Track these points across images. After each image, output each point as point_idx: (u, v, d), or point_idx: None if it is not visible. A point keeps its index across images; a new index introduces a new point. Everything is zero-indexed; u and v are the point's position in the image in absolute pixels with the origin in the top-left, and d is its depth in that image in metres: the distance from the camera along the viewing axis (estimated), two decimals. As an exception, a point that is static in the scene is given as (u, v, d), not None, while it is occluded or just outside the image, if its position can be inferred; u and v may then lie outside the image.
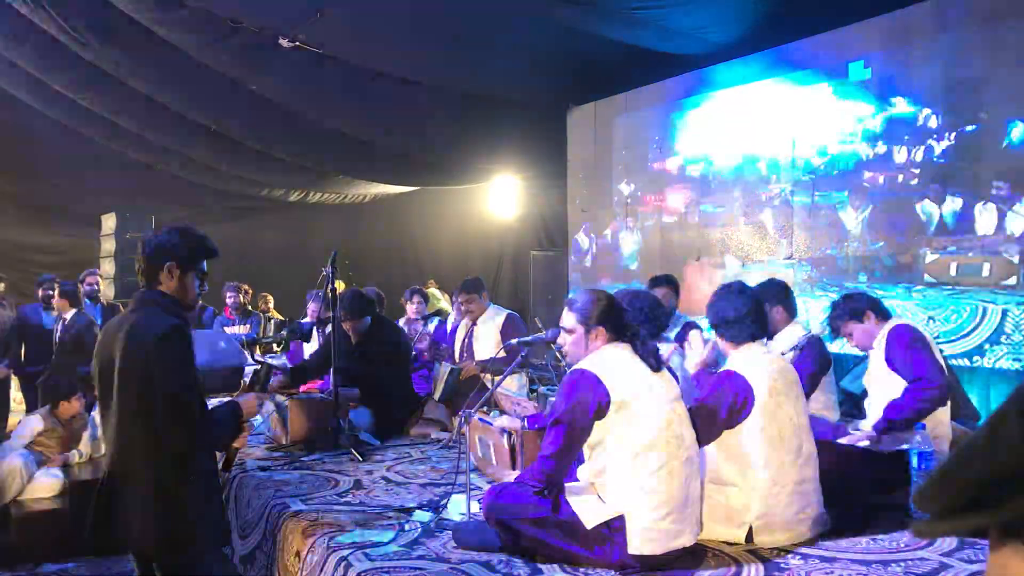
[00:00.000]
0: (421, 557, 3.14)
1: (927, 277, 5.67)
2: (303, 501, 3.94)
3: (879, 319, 4.29)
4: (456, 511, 3.63)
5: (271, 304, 10.56)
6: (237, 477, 4.46)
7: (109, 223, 10.36)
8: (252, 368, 5.65)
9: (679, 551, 3.02)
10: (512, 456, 4.16)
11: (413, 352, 6.58)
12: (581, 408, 2.99)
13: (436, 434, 5.41)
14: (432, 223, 13.68)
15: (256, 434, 5.43)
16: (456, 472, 3.72)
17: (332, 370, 5.11)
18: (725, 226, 7.37)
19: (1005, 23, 5.28)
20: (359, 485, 4.25)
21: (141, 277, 2.96)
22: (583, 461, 3.11)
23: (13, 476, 5.95)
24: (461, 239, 12.94)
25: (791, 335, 4.61)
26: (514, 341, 4.21)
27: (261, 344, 7.07)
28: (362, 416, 5.38)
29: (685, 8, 6.35)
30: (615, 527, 2.96)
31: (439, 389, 5.55)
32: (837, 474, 3.58)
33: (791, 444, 3.29)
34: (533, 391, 5.60)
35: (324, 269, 5.11)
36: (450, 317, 7.64)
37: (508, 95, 8.64)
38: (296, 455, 4.88)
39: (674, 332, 5.12)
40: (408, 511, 3.73)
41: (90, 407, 6.31)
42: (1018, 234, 5.20)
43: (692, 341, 4.02)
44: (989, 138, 5.35)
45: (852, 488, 3.74)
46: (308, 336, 6.26)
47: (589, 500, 3.02)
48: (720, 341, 3.53)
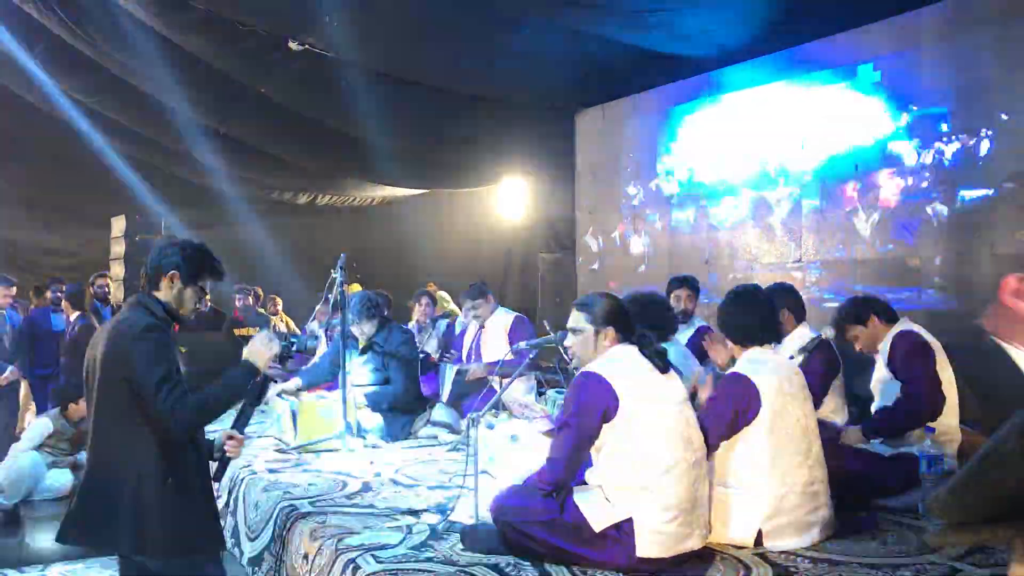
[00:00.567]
0: (429, 560, 3.14)
1: (937, 280, 5.65)
2: (311, 503, 3.94)
3: (884, 322, 4.27)
4: (464, 514, 3.62)
5: (280, 306, 10.59)
6: (245, 479, 4.47)
7: (119, 225, 10.41)
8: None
9: (687, 554, 3.01)
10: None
11: (421, 355, 6.58)
12: (590, 411, 2.99)
13: (444, 436, 5.41)
14: (440, 225, 13.68)
15: (265, 436, 5.44)
16: (464, 475, 3.72)
17: (341, 373, 5.12)
18: (734, 229, 7.35)
19: (1017, 24, 5.25)
20: (367, 487, 4.25)
21: (143, 279, 3.00)
22: (591, 464, 3.11)
23: (23, 477, 5.99)
24: (469, 241, 12.92)
25: (799, 338, 4.59)
26: (522, 344, 4.20)
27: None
28: (371, 418, 5.38)
29: (694, 11, 6.34)
30: (623, 529, 2.96)
31: (446, 391, 5.55)
32: (846, 477, 3.57)
33: (799, 446, 3.28)
34: (541, 394, 5.59)
35: (333, 272, 5.13)
36: (458, 319, 7.65)
37: (517, 98, 8.64)
38: (304, 457, 4.89)
39: (687, 335, 5.12)
40: (416, 513, 3.73)
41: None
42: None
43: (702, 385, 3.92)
44: (1001, 141, 5.32)
45: (861, 491, 3.73)
46: (313, 351, 6.29)
47: (597, 502, 3.01)
48: (729, 343, 3.53)
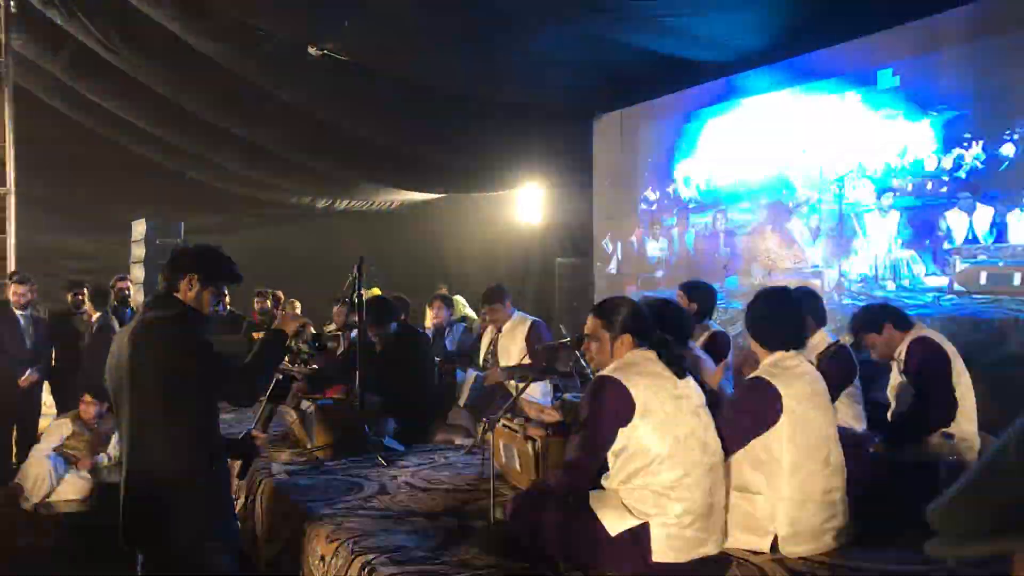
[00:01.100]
0: (445, 563, 3.14)
1: (957, 286, 5.61)
2: (328, 506, 3.95)
3: (899, 329, 4.25)
4: (480, 517, 3.62)
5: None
6: (262, 482, 4.49)
7: (139, 229, 10.46)
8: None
9: (704, 559, 3.00)
10: (536, 464, 4.15)
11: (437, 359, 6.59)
12: (606, 415, 2.99)
13: (460, 440, 5.42)
14: (458, 230, 13.71)
15: (281, 438, 5.46)
16: (480, 478, 3.72)
17: (358, 376, 5.14)
18: (751, 234, 7.32)
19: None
20: (383, 490, 4.26)
21: (163, 280, 3.04)
22: (607, 468, 3.10)
23: (42, 479, 6.04)
24: (487, 246, 12.94)
25: (819, 343, 4.57)
26: (539, 347, 4.20)
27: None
28: (386, 422, 5.40)
29: (712, 16, 6.33)
30: (639, 535, 2.95)
31: (464, 395, 5.56)
32: (865, 485, 3.54)
33: (819, 453, 3.26)
34: (558, 398, 5.58)
35: (351, 275, 5.15)
36: (475, 323, 7.66)
37: (535, 103, 8.65)
38: (320, 460, 4.91)
39: (701, 339, 5.09)
40: (433, 517, 3.74)
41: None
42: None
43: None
44: (1021, 146, 5.28)
45: (880, 499, 3.70)
46: (334, 352, 6.30)
47: (613, 507, 3.01)
48: (753, 344, 3.49)
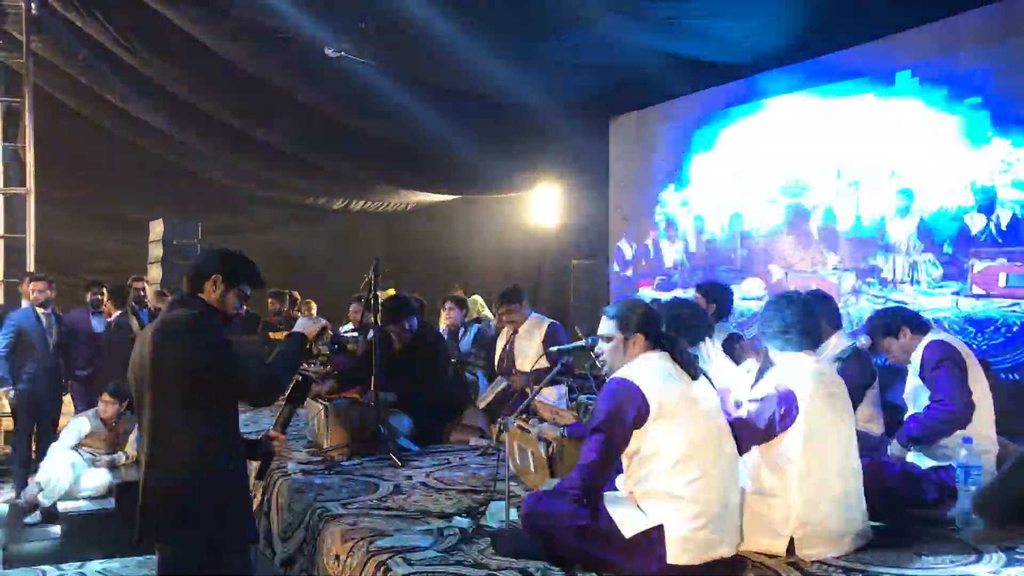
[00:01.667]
0: (460, 563, 3.15)
1: (975, 288, 5.57)
2: (343, 505, 3.97)
3: (915, 333, 4.22)
4: (495, 518, 3.63)
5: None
6: (278, 481, 4.51)
7: (157, 229, 10.54)
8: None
9: (718, 561, 2.99)
10: (551, 465, 4.16)
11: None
12: (620, 417, 2.98)
13: (475, 441, 5.42)
14: (474, 231, 13.73)
15: (298, 438, 5.49)
16: (495, 479, 3.73)
17: (373, 376, 5.15)
18: (768, 236, 7.30)
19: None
20: (398, 490, 4.27)
21: (187, 281, 3.07)
22: (622, 470, 3.10)
23: (61, 476, 6.10)
24: (502, 247, 12.96)
25: (835, 347, 4.55)
26: (554, 349, 4.20)
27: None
28: (401, 422, 5.41)
29: (731, 18, 6.32)
30: (654, 536, 2.94)
31: (487, 399, 5.55)
32: (881, 488, 3.52)
33: (835, 455, 3.25)
34: (573, 400, 5.58)
35: (367, 276, 5.16)
36: (491, 324, 7.65)
37: (551, 104, 8.66)
38: (336, 460, 4.92)
39: (719, 340, 5.07)
40: (447, 517, 3.75)
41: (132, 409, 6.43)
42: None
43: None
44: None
45: (897, 502, 3.68)
46: (352, 352, 6.32)
47: (628, 509, 3.00)
48: (768, 348, 3.49)
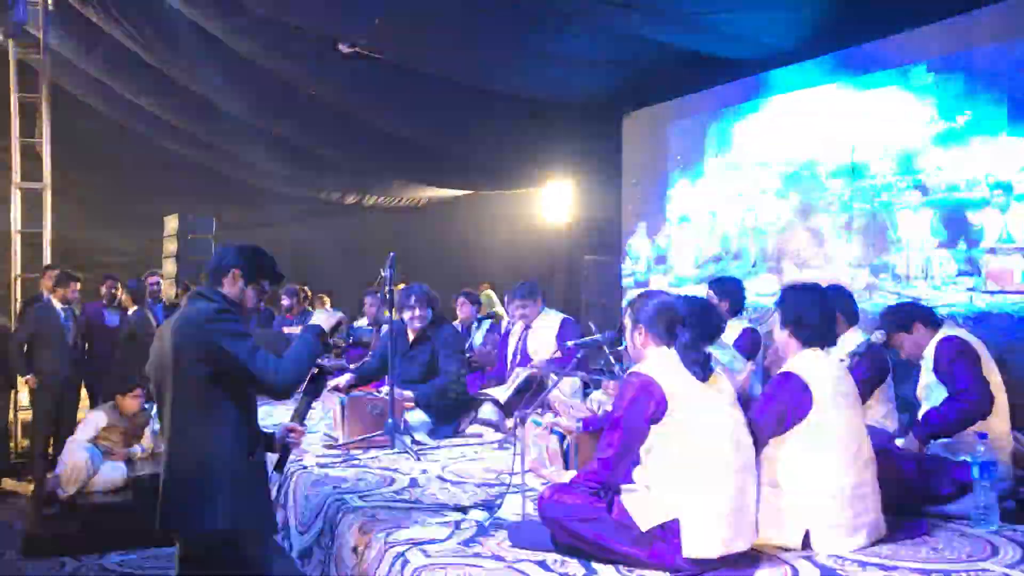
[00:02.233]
0: (477, 555, 3.17)
1: (990, 284, 5.56)
2: (360, 498, 4.00)
3: (928, 329, 4.22)
4: (511, 511, 3.65)
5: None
6: (296, 474, 4.55)
7: (172, 224, 10.61)
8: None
9: (734, 554, 3.01)
10: (565, 459, 4.18)
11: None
12: (638, 411, 3.00)
13: (491, 434, 5.44)
14: (486, 227, 13.75)
15: (314, 432, 5.52)
16: (511, 472, 3.75)
17: (388, 370, 5.18)
18: (782, 232, 7.29)
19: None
20: (415, 483, 4.30)
21: (206, 276, 3.13)
22: (639, 462, 3.12)
23: (79, 469, 6.16)
24: (514, 243, 12.97)
25: (850, 341, 4.55)
26: (569, 343, 4.22)
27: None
28: (417, 416, 5.43)
29: (744, 13, 6.31)
30: (670, 529, 2.96)
31: (508, 391, 5.56)
32: (897, 482, 3.53)
33: (849, 449, 3.26)
34: (587, 394, 5.59)
35: (383, 271, 5.18)
36: (503, 321, 7.67)
37: (564, 100, 8.66)
38: (353, 453, 4.96)
39: (733, 337, 5.09)
40: (464, 510, 3.77)
41: (150, 402, 6.48)
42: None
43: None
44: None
45: (913, 496, 3.68)
46: (368, 345, 6.35)
47: (644, 502, 3.02)
48: (783, 337, 3.48)
